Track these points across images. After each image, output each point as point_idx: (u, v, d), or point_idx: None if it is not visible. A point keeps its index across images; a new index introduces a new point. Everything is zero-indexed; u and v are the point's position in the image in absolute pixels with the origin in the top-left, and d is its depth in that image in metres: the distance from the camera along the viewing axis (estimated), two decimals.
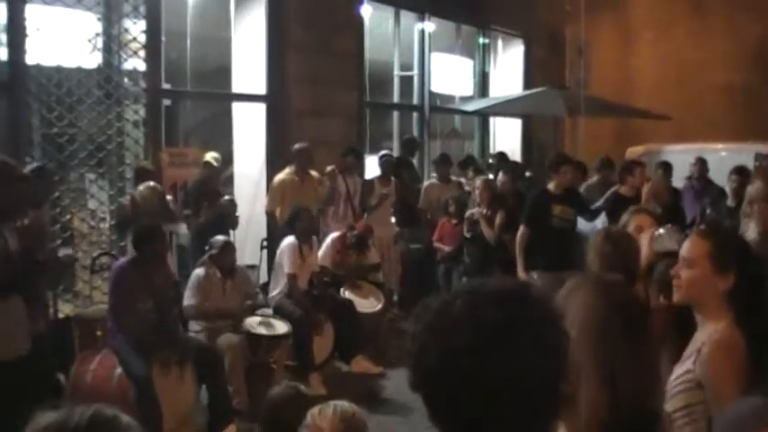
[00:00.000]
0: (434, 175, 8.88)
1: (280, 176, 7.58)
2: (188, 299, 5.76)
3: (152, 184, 6.31)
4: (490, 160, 10.50)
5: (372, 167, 8.97)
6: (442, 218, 8.28)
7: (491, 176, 8.38)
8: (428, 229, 8.54)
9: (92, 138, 6.77)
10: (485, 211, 7.42)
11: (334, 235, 7.45)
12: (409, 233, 8.87)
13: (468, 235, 7.64)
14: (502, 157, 10.04)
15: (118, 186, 6.96)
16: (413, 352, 1.19)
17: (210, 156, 7.37)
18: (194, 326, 5.92)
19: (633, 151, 10.23)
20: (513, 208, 7.41)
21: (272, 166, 8.28)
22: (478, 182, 7.73)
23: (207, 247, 5.99)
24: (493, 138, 12.30)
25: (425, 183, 8.82)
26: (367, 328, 6.93)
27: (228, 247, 5.99)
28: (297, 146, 7.57)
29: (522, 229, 6.59)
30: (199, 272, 5.90)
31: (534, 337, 1.14)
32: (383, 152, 8.72)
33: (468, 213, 7.65)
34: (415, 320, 1.21)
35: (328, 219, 7.99)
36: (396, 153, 10.11)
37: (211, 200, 7.07)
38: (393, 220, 8.58)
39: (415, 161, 9.90)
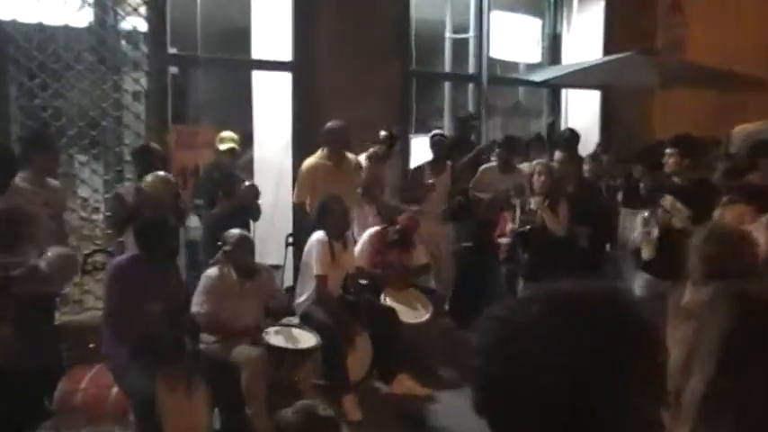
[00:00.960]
0: (494, 159, 8.79)
1: (310, 161, 7.61)
2: (198, 305, 5.79)
3: (163, 174, 6.37)
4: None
5: (420, 150, 8.94)
6: (504, 210, 8.20)
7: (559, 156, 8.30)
8: (484, 223, 8.47)
9: (83, 112, 6.84)
10: (543, 199, 7.33)
11: (372, 230, 7.45)
12: (460, 229, 8.82)
13: (523, 228, 7.48)
14: (569, 135, 9.93)
15: (115, 170, 7.04)
16: (477, 369, 1.21)
17: (226, 136, 7.41)
18: (206, 336, 5.94)
19: (743, 129, 10.03)
20: (577, 196, 7.35)
21: (300, 148, 8.32)
22: (537, 166, 7.65)
23: (221, 243, 6.01)
24: (565, 114, 12.14)
25: (481, 167, 8.75)
26: (412, 341, 6.91)
27: (245, 242, 6.00)
28: (330, 124, 7.58)
29: None
30: (211, 272, 5.92)
31: (626, 354, 1.14)
32: (435, 132, 8.70)
33: (516, 201, 7.53)
34: (480, 332, 1.23)
35: (362, 212, 8.00)
36: (446, 131, 10.07)
37: (228, 188, 7.11)
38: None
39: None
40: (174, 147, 7.38)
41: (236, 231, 6.05)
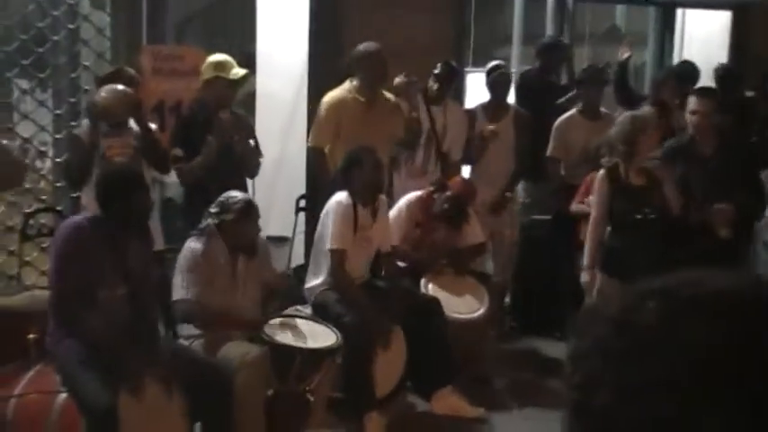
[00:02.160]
0: (579, 105, 8.71)
1: (335, 94, 7.59)
2: (180, 288, 5.80)
3: (121, 87, 6.38)
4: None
5: (477, 89, 8.90)
6: (589, 173, 8.11)
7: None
8: (561, 191, 8.41)
9: (25, 22, 6.85)
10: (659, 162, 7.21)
11: (411, 196, 7.42)
12: (532, 196, 8.76)
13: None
14: (723, 71, 9.77)
15: (69, 103, 7.04)
16: (575, 386, 1.20)
17: (221, 60, 7.36)
18: (186, 328, 5.98)
19: None
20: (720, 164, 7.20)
21: (319, 79, 8.33)
22: (646, 115, 7.51)
23: (214, 209, 5.99)
24: (679, 43, 12.01)
25: (559, 119, 8.68)
26: (461, 343, 6.91)
27: (252, 210, 5.99)
28: (363, 48, 7.55)
29: None
30: (194, 246, 5.92)
31: None
32: (493, 64, 8.61)
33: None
34: (577, 334, 1.23)
35: (401, 170, 7.97)
36: (515, 65, 9.98)
37: (219, 131, 7.09)
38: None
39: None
40: (148, 74, 7.38)
41: (238, 194, 6.03)
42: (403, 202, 7.41)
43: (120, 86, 6.40)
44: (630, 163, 6.52)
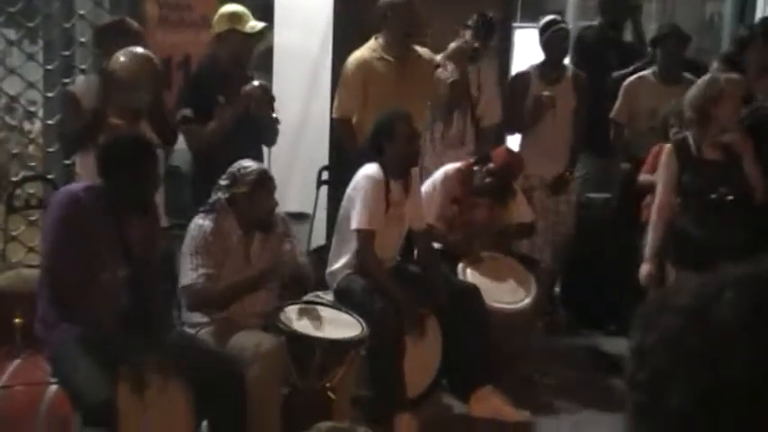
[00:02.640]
0: (653, 68, 8.64)
1: (360, 55, 7.61)
2: (188, 273, 5.81)
3: (143, 51, 6.33)
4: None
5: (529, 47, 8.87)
6: (656, 144, 8.07)
7: None
8: (628, 164, 8.38)
9: None
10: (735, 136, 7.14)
11: (449, 168, 7.42)
12: (591, 170, 8.74)
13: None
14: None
15: (62, 57, 7.05)
16: (639, 385, 1.21)
17: (236, 11, 7.36)
18: (194, 315, 5.99)
19: None
20: None
21: (346, 32, 8.32)
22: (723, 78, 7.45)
23: (224, 181, 6.01)
24: None
25: (629, 79, 8.63)
26: (503, 337, 6.91)
27: (266, 182, 5.99)
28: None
29: None
30: (202, 224, 5.92)
31: None
32: (548, 19, 8.57)
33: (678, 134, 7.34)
34: (641, 327, 1.24)
35: (435, 139, 7.99)
36: (571, 20, 9.91)
37: (232, 90, 7.09)
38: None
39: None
40: (153, 25, 7.39)
41: (251, 164, 6.03)
42: (438, 175, 7.40)
43: (141, 50, 6.31)
44: (704, 135, 6.40)
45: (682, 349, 1.17)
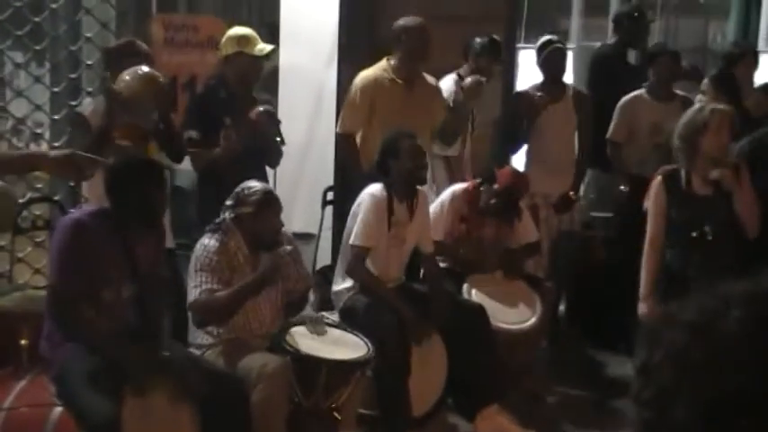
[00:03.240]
0: (646, 83, 8.66)
1: (369, 74, 7.60)
2: (192, 290, 5.80)
3: (148, 70, 6.35)
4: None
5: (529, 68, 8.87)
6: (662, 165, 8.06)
7: None
8: (625, 183, 8.38)
9: None
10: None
11: (456, 188, 7.44)
12: (597, 188, 8.73)
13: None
14: None
15: (68, 79, 7.05)
16: (646, 402, 1.21)
17: (242, 33, 7.36)
18: (200, 336, 5.99)
19: None
20: None
21: (352, 55, 8.33)
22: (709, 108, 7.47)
23: (230, 201, 6.01)
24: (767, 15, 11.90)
25: (627, 96, 8.64)
26: (510, 356, 6.89)
27: (271, 202, 6.00)
28: (404, 21, 7.54)
29: None
30: (209, 243, 5.93)
31: None
32: (545, 38, 8.55)
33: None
34: (647, 343, 1.24)
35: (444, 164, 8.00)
36: (575, 40, 9.91)
37: (239, 112, 7.09)
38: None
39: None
40: (159, 46, 7.40)
41: (256, 184, 6.03)
42: (446, 194, 7.41)
43: (146, 68, 6.34)
44: (692, 166, 6.14)
45: (687, 364, 1.17)
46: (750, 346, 1.14)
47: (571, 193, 8.25)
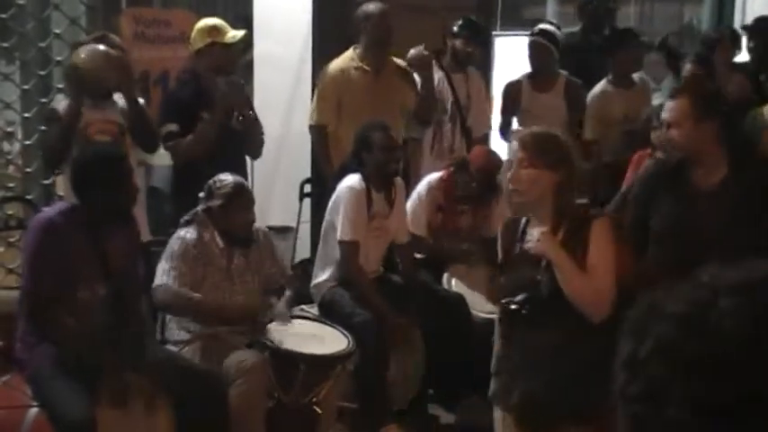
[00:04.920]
0: (607, 77, 8.64)
1: (335, 64, 7.62)
2: (162, 274, 5.78)
3: (104, 47, 6.34)
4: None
5: (510, 55, 8.84)
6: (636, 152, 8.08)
7: None
8: (601, 171, 8.37)
9: None
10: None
11: (431, 177, 7.41)
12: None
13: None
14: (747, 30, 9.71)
15: (38, 76, 7.02)
16: (635, 397, 1.20)
17: (209, 25, 7.31)
18: (177, 332, 5.95)
19: None
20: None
21: (326, 45, 8.35)
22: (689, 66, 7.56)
23: (202, 193, 5.99)
24: (742, 1, 11.92)
25: (593, 93, 8.63)
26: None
27: (242, 195, 5.99)
28: (368, 7, 7.56)
29: None
30: (185, 235, 5.92)
31: None
32: (539, 27, 8.53)
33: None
34: (632, 334, 1.22)
35: (424, 150, 7.96)
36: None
37: (220, 100, 7.03)
38: None
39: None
40: (129, 41, 7.36)
41: (227, 177, 6.01)
42: (422, 185, 7.37)
43: (104, 47, 6.36)
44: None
45: (679, 358, 1.15)
46: (743, 340, 1.12)
47: None
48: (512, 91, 8.38)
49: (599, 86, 8.51)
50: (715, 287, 1.17)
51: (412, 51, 7.73)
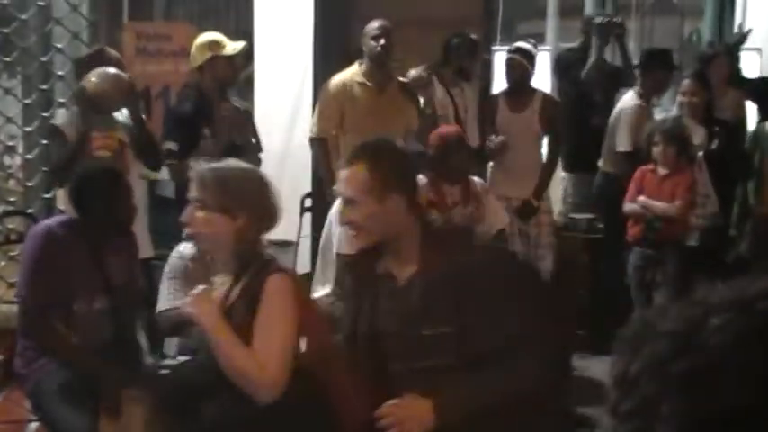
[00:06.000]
0: (636, 89, 8.63)
1: (339, 78, 7.61)
2: (164, 298, 5.76)
3: (114, 70, 6.34)
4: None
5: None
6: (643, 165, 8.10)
7: None
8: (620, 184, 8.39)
9: None
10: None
11: (423, 180, 7.33)
12: (577, 189, 8.74)
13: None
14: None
15: (40, 90, 7.02)
16: (626, 414, 1.18)
17: (209, 39, 7.31)
18: (175, 347, 5.94)
19: None
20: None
21: (326, 60, 8.34)
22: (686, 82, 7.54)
23: None
24: (742, 12, 11.94)
25: (629, 106, 8.61)
26: None
27: None
28: (373, 25, 7.54)
29: None
30: (182, 250, 5.88)
31: None
32: (517, 45, 8.49)
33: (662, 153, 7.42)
34: (625, 352, 1.21)
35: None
36: (551, 42, 9.90)
37: (216, 120, 7.04)
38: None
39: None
40: (131, 56, 7.36)
41: None
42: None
43: (113, 70, 6.36)
44: None
45: (670, 375, 1.14)
46: (737, 359, 1.10)
47: (533, 199, 8.16)
48: (487, 110, 8.30)
49: (631, 99, 8.51)
50: (707, 304, 1.17)
51: (412, 72, 7.74)
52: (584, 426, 6.64)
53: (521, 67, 8.19)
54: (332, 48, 8.33)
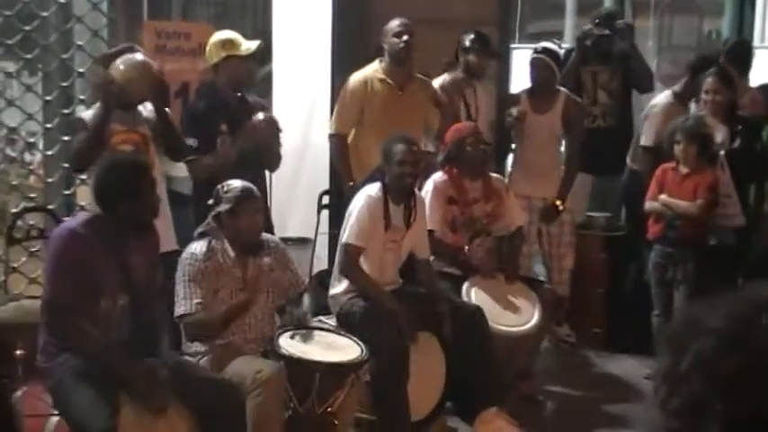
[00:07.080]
0: (676, 88, 8.59)
1: (360, 75, 7.61)
2: (182, 302, 5.75)
3: (142, 57, 6.33)
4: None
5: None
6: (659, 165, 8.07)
7: None
8: (640, 184, 8.37)
9: None
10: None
11: (436, 176, 7.40)
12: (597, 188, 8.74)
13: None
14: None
15: (61, 87, 7.02)
16: (674, 412, 1.19)
17: (224, 38, 7.30)
18: (194, 343, 5.93)
19: None
20: None
21: (344, 58, 8.32)
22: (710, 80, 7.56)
23: (211, 201, 5.96)
24: (763, 12, 11.89)
25: (661, 102, 8.58)
26: (509, 359, 6.86)
27: (249, 198, 5.93)
28: (395, 23, 7.54)
29: None
30: (195, 249, 5.89)
31: None
32: (541, 44, 8.48)
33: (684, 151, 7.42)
34: (672, 349, 1.21)
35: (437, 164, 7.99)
36: (568, 40, 9.88)
37: (234, 118, 7.03)
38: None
39: None
40: (150, 53, 7.33)
41: (235, 182, 5.97)
42: (429, 185, 7.31)
43: (141, 56, 6.36)
44: None
45: (719, 374, 1.14)
46: None
47: (557, 202, 8.16)
48: (510, 104, 8.24)
49: (666, 98, 8.53)
50: (758, 303, 1.15)
51: (446, 77, 7.75)
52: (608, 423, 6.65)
53: (547, 68, 8.19)
54: (350, 47, 8.32)
